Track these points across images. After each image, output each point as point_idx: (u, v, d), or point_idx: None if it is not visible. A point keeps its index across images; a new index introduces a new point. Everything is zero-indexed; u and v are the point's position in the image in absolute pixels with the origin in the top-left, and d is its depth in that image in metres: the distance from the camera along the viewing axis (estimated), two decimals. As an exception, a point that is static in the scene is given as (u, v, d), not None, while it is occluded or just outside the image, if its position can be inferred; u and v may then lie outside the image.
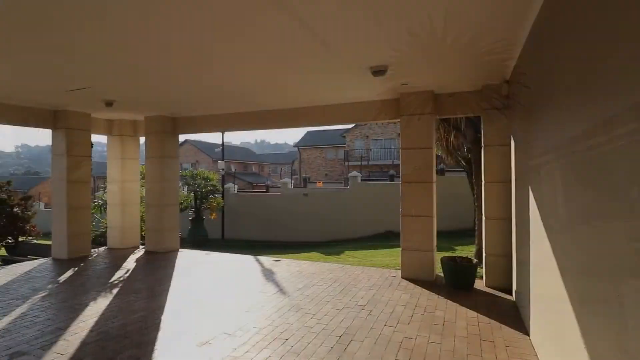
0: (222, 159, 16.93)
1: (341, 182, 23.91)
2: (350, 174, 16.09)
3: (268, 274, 6.47)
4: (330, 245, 13.47)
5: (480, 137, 6.18)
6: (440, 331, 4.02)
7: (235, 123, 8.27)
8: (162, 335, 3.96)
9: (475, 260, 5.70)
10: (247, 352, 3.57)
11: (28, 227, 12.91)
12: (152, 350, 3.62)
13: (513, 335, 3.92)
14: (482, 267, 5.94)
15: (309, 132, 39.78)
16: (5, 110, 7.12)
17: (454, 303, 4.90)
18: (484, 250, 5.77)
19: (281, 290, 5.50)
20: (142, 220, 9.87)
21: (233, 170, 32.61)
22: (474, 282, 5.57)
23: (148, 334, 4.02)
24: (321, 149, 36.07)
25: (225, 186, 16.32)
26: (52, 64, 4.89)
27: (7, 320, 4.47)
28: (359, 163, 31.62)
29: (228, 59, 4.58)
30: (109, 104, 7.29)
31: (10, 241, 12.70)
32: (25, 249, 12.41)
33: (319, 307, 4.76)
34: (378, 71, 5.02)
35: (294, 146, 38.47)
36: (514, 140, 4.95)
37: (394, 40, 4.00)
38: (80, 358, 3.49)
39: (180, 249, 8.82)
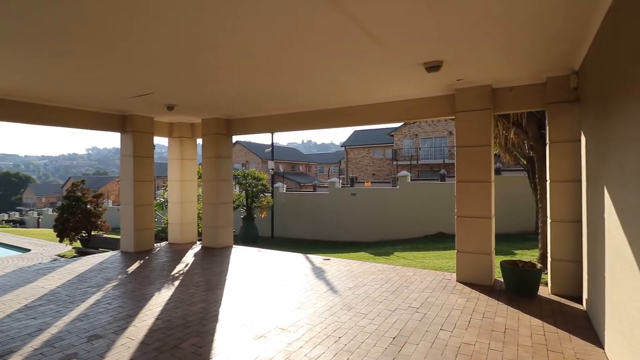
0: (272, 159, 17.37)
1: (389, 182, 23.50)
2: (399, 174, 15.77)
3: (318, 272, 6.53)
4: (379, 245, 13.30)
5: (544, 133, 5.76)
6: (501, 338, 3.81)
7: (285, 123, 8.45)
8: (220, 327, 4.15)
9: (539, 265, 5.33)
10: (301, 347, 3.63)
11: (99, 222, 14.10)
12: (212, 340, 3.80)
13: (585, 347, 3.61)
14: (546, 273, 5.54)
15: (355, 132, 39.67)
16: (81, 115, 7.86)
17: (515, 310, 4.62)
18: (549, 254, 5.37)
19: (332, 289, 5.53)
20: (199, 217, 10.42)
21: (282, 170, 33.35)
22: (537, 288, 5.21)
23: (207, 324, 4.23)
24: (368, 149, 35.78)
25: (274, 185, 16.73)
26: (121, 73, 5.32)
27: (84, 306, 4.93)
28: (409, 162, 30.89)
29: (282, 60, 4.68)
30: (170, 107, 7.79)
31: (84, 235, 13.96)
32: (97, 242, 13.59)
33: (370, 307, 4.71)
34: (432, 67, 4.87)
35: (341, 146, 38.47)
36: (584, 136, 4.55)
37: (450, 34, 3.85)
38: (148, 344, 3.75)
39: (233, 246, 9.19)
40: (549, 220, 5.37)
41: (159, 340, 3.83)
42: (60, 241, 13.67)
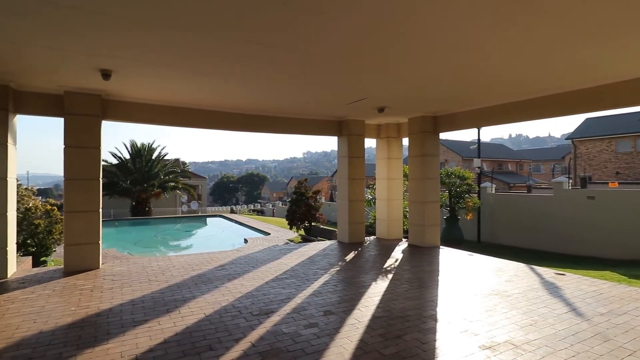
0: (478, 157, 15.94)
1: (644, 183, 17.74)
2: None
3: (550, 288, 5.50)
4: (634, 265, 10.17)
5: None
6: None
7: (500, 115, 7.57)
8: (440, 328, 4.01)
9: None
10: (543, 372, 3.09)
11: (318, 215, 16.40)
12: (434, 340, 3.72)
13: None
14: None
15: (588, 120, 31.68)
16: (309, 123, 9.29)
17: None
18: None
19: (574, 311, 4.52)
20: (404, 215, 10.62)
21: (486, 169, 30.32)
22: None
23: (426, 322, 4.17)
24: (609, 140, 27.79)
25: (481, 185, 15.30)
26: (346, 83, 5.94)
27: (317, 284, 5.74)
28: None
29: (506, 41, 4.15)
30: (380, 110, 8.22)
31: (306, 224, 16.55)
32: (316, 231, 15.85)
33: (641, 344, 3.58)
34: None
35: (567, 138, 31.56)
36: None
37: None
38: (374, 328, 4.00)
39: (440, 246, 8.90)
40: None
41: (382, 327, 4.03)
42: (290, 228, 16.60)
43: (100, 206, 6.84)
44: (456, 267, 6.85)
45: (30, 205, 8.78)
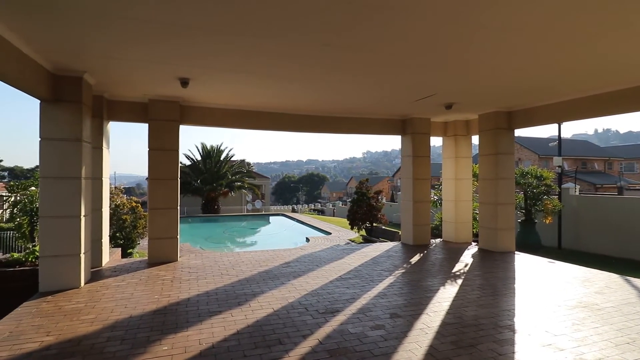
0: (559, 155, 14.47)
1: None
2: None
3: (652, 303, 4.82)
4: None
5: None
6: None
7: (585, 110, 6.81)
8: (519, 339, 3.71)
9: None
10: (648, 399, 2.71)
11: (379, 215, 16.16)
12: (512, 352, 3.45)
13: None
14: None
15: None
16: (373, 123, 9.19)
17: None
18: None
19: (685, 331, 3.91)
20: (473, 217, 10.03)
21: (568, 168, 27.45)
22: None
23: (502, 332, 3.88)
24: None
25: (563, 186, 13.89)
26: (411, 80, 5.76)
27: (382, 286, 5.64)
28: None
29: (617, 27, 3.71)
30: (448, 106, 7.85)
31: (367, 225, 16.40)
32: (377, 232, 15.64)
33: None
34: None
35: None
36: None
37: None
38: (444, 335, 3.82)
39: (515, 252, 8.26)
40: None
41: (453, 334, 3.84)
42: (351, 228, 16.56)
43: (178, 203, 7.42)
44: (535, 275, 6.30)
45: (119, 202, 9.83)
